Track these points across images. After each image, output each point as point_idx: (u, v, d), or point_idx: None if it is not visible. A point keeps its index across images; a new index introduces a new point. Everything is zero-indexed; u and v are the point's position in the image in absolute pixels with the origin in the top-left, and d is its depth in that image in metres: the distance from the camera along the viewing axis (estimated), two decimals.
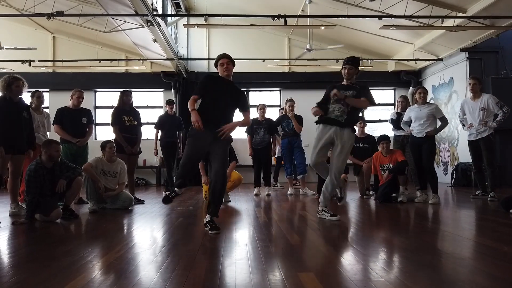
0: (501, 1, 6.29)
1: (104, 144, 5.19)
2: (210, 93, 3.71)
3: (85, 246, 3.09)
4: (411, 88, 10.61)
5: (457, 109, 8.71)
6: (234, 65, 3.83)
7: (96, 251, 2.90)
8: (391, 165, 5.73)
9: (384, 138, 5.95)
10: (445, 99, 9.36)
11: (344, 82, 4.37)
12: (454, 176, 8.55)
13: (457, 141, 9.00)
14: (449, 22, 7.23)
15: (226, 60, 3.73)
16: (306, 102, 10.03)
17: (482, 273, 2.20)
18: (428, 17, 6.96)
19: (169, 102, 7.53)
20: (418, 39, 8.94)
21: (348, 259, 2.49)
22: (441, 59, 9.38)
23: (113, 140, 5.56)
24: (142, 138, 6.18)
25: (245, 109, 3.86)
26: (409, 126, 5.69)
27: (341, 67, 4.43)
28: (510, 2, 6.35)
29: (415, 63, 10.06)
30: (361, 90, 4.28)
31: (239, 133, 10.81)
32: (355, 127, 4.47)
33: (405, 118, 5.82)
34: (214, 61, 3.87)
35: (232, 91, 3.81)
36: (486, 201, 5.41)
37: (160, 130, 7.35)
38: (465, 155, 8.67)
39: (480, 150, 5.69)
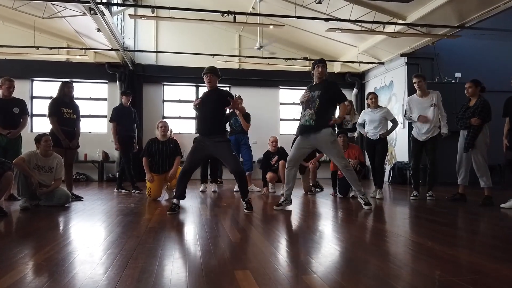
0: (436, 11, 6.72)
1: (39, 138, 4.89)
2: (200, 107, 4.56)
3: (13, 245, 2.90)
4: (355, 89, 11.09)
5: (395, 110, 9.25)
6: (218, 76, 4.63)
7: (25, 251, 2.72)
8: (350, 160, 5.71)
9: (340, 132, 6.24)
10: (385, 101, 9.86)
11: (316, 81, 4.66)
12: (391, 174, 9.05)
13: (395, 141, 9.52)
14: (390, 28, 7.62)
15: (208, 73, 4.56)
16: (255, 99, 10.22)
17: (407, 268, 2.34)
18: (371, 22, 7.27)
19: (126, 93, 7.09)
20: (362, 42, 9.33)
21: (285, 256, 2.56)
22: (382, 63, 9.87)
23: (49, 133, 5.26)
24: (82, 131, 5.92)
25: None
26: (364, 128, 6.07)
27: (309, 68, 4.84)
28: (445, 12, 6.80)
29: (359, 65, 10.53)
30: (328, 86, 4.59)
31: (187, 129, 10.73)
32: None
33: (359, 121, 6.18)
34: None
35: (215, 97, 4.53)
36: (422, 198, 5.75)
37: (118, 123, 6.79)
38: (402, 155, 9.22)
39: (423, 150, 5.74)
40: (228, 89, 10.86)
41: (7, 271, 2.16)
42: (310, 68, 4.79)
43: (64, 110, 5.60)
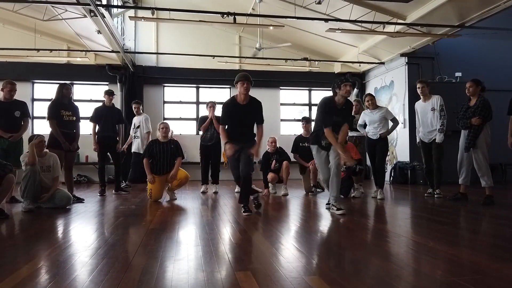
0: (436, 10, 6.72)
1: (32, 138, 4.90)
2: (232, 118, 4.47)
3: (15, 248, 2.90)
4: (355, 89, 11.08)
5: (396, 110, 9.26)
6: (252, 83, 4.47)
7: (26, 254, 2.73)
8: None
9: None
10: (386, 101, 9.86)
11: (338, 100, 4.47)
12: (392, 174, 9.04)
13: (396, 141, 9.51)
14: (390, 28, 7.62)
15: (245, 81, 4.40)
16: None
17: (409, 268, 2.34)
18: (371, 22, 7.27)
19: (108, 93, 6.84)
20: (362, 42, 9.32)
21: (286, 257, 2.55)
22: (383, 63, 9.86)
23: (43, 135, 5.24)
24: (82, 133, 5.91)
25: (259, 122, 4.58)
26: (365, 128, 6.10)
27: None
28: (445, 12, 6.80)
29: (359, 65, 10.52)
30: (347, 110, 4.61)
31: (188, 130, 10.74)
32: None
33: (360, 122, 6.21)
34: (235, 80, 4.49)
35: (250, 110, 4.50)
36: (423, 198, 5.80)
37: (97, 123, 6.54)
38: (403, 154, 9.21)
39: (431, 150, 5.83)
40: (228, 90, 10.89)
41: (8, 273, 2.16)
42: (335, 85, 4.46)
43: (63, 112, 5.59)
